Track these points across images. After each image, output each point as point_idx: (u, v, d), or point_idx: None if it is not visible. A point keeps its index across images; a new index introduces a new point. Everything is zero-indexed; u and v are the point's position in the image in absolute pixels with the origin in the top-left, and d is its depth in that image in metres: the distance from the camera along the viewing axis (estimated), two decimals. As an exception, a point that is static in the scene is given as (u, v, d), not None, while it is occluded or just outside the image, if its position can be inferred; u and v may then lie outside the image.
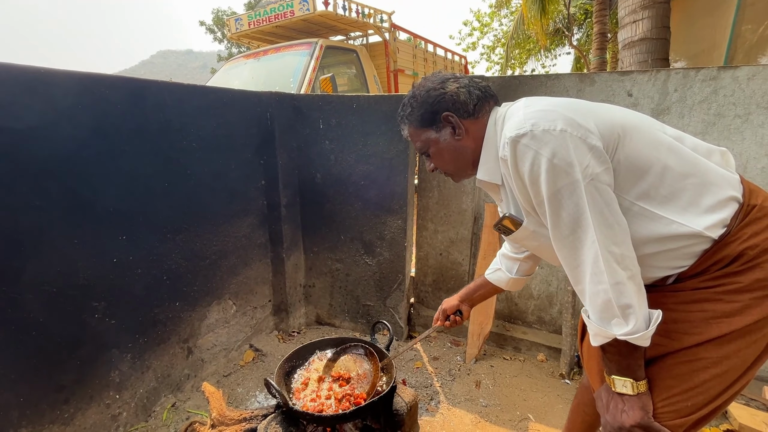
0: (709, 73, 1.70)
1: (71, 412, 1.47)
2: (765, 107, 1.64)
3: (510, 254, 1.26)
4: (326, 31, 5.07)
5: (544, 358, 2.19)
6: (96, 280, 1.50)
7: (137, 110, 1.59)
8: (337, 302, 2.56)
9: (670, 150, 0.82)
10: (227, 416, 1.46)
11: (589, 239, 0.76)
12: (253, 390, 2.00)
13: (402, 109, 1.05)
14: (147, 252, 1.69)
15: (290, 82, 3.98)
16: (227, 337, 2.18)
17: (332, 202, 2.40)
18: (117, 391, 1.63)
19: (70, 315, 1.44)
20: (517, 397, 1.92)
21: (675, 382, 0.82)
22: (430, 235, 2.48)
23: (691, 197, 0.80)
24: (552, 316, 2.29)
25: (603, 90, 1.88)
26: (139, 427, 1.71)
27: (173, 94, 1.74)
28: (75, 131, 1.39)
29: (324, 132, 2.30)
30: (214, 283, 2.05)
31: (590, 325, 0.83)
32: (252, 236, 2.25)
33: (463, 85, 0.97)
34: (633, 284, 0.76)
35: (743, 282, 0.77)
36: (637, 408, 0.82)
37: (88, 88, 1.42)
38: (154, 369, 1.79)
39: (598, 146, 0.77)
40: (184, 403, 1.87)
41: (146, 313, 1.72)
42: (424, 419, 1.76)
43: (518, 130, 0.80)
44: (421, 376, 2.09)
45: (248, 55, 4.93)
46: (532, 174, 0.79)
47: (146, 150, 1.64)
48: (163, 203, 1.74)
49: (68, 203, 1.40)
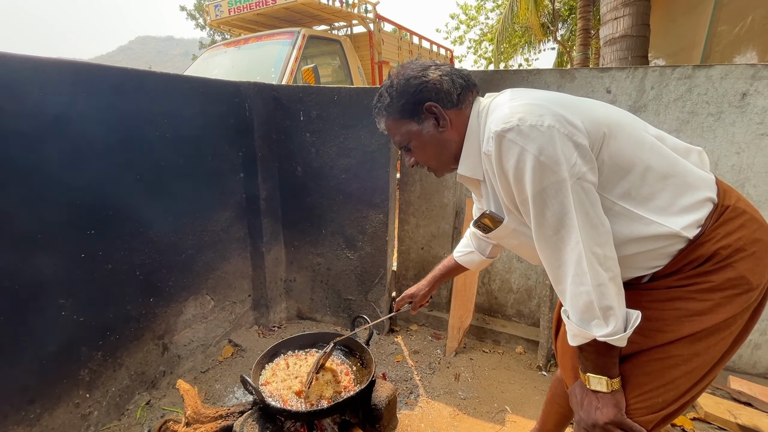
0: (685, 71, 1.73)
1: (37, 413, 1.41)
2: (736, 106, 1.68)
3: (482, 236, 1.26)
4: (309, 21, 4.96)
5: (522, 351, 2.23)
6: (61, 275, 1.44)
7: (106, 98, 1.51)
8: (318, 296, 2.54)
9: (652, 150, 0.82)
10: (202, 414, 1.43)
11: (573, 240, 0.75)
12: (231, 386, 1.97)
13: (378, 99, 0.97)
14: (117, 246, 1.62)
15: (271, 72, 3.89)
16: (205, 333, 2.14)
17: (313, 195, 2.36)
18: (87, 390, 1.57)
19: (33, 312, 1.37)
20: (495, 389, 1.95)
21: (647, 379, 0.84)
22: (412, 229, 2.48)
23: (670, 198, 0.80)
24: (531, 310, 2.32)
25: (583, 86, 1.89)
26: (111, 426, 1.66)
27: (145, 82, 1.66)
28: (36, 118, 1.32)
29: (305, 124, 2.26)
30: (191, 278, 2.00)
31: (570, 325, 0.82)
32: (230, 230, 2.20)
33: (446, 73, 0.91)
34: (614, 285, 0.76)
35: (715, 281, 0.78)
36: (611, 405, 0.82)
37: (50, 73, 1.35)
38: (127, 366, 1.74)
39: (585, 144, 0.75)
40: (159, 400, 1.83)
41: (118, 310, 1.66)
42: (404, 413, 1.77)
43: (504, 125, 0.76)
44: (401, 369, 2.09)
45: (229, 43, 4.78)
46: (517, 171, 0.77)
47: (116, 140, 1.57)
48: (134, 196, 1.67)
49: (29, 194, 1.33)
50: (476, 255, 1.28)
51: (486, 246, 1.26)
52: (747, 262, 0.78)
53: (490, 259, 1.28)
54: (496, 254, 1.28)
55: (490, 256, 1.27)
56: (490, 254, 1.26)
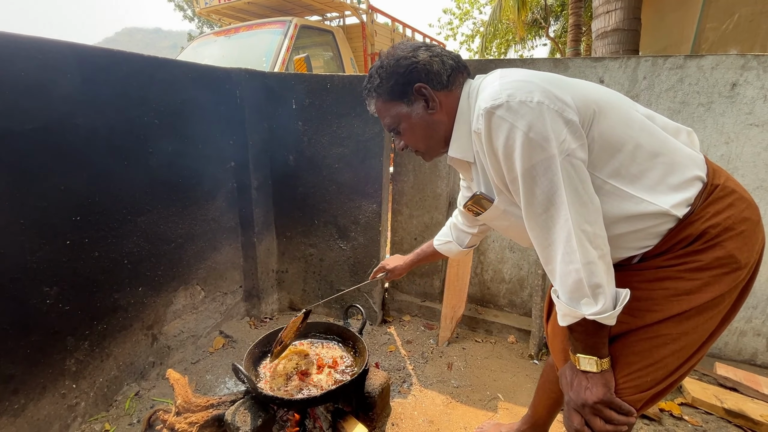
0: (676, 61, 1.74)
1: (22, 403, 1.38)
2: (726, 96, 1.70)
3: (462, 227, 1.29)
4: (301, 10, 4.89)
5: (514, 340, 2.25)
6: (46, 263, 1.40)
7: (91, 79, 1.47)
8: (310, 287, 2.53)
9: (642, 128, 0.82)
10: (193, 403, 1.41)
11: (563, 217, 0.75)
12: (222, 377, 1.94)
13: (369, 81, 0.96)
14: (104, 234, 1.59)
15: (263, 62, 3.83)
16: (195, 324, 2.11)
17: (305, 185, 2.33)
18: (73, 381, 1.54)
19: (16, 300, 1.33)
20: (487, 377, 1.96)
21: (636, 359, 0.84)
22: (405, 219, 2.47)
23: (659, 176, 0.80)
24: (523, 300, 2.34)
25: (576, 75, 1.90)
26: (99, 417, 1.63)
27: (132, 64, 1.62)
28: (18, 100, 1.27)
29: (297, 112, 2.23)
30: (181, 267, 1.97)
31: (559, 305, 0.82)
32: (221, 219, 2.17)
33: (436, 54, 0.91)
34: (603, 264, 0.76)
35: (704, 260, 0.79)
36: (600, 385, 0.83)
37: (33, 52, 1.29)
38: (116, 357, 1.70)
39: (575, 120, 0.75)
40: (148, 391, 1.80)
41: (105, 299, 1.62)
42: (397, 401, 1.77)
43: (493, 101, 0.76)
44: (395, 359, 2.09)
45: (219, 33, 4.70)
46: (506, 148, 0.76)
47: (102, 124, 1.52)
48: (122, 182, 1.63)
49: (12, 179, 1.28)
50: (454, 245, 1.34)
51: (465, 237, 1.31)
52: (736, 241, 0.78)
53: (468, 248, 1.34)
54: (474, 244, 1.34)
55: (467, 246, 1.33)
56: (467, 245, 1.33)
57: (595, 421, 0.83)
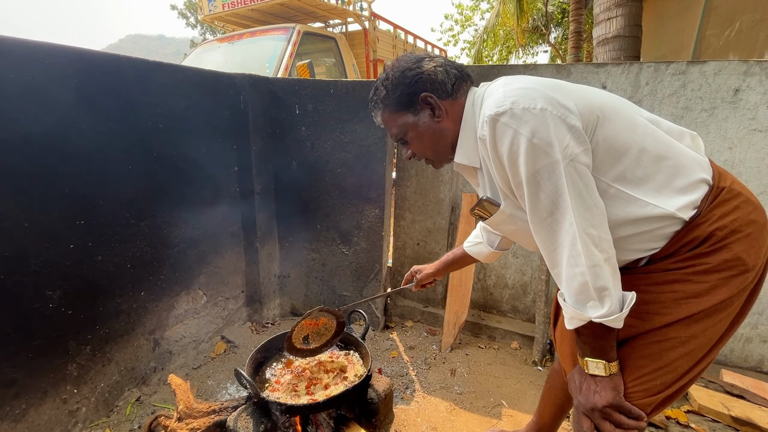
0: (679, 67, 1.75)
1: (23, 408, 1.37)
2: (729, 102, 1.71)
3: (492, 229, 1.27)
4: (304, 17, 4.94)
5: (517, 346, 2.23)
6: (49, 267, 1.40)
7: (96, 84, 1.48)
8: (312, 293, 2.52)
9: (646, 132, 0.82)
10: (195, 409, 1.40)
11: (567, 221, 0.76)
12: (224, 382, 1.93)
13: (374, 92, 0.99)
14: (108, 238, 1.59)
15: (266, 68, 3.86)
16: (197, 329, 2.10)
17: (308, 190, 2.34)
18: (75, 386, 1.53)
19: (19, 304, 1.33)
20: (491, 384, 1.94)
21: (645, 362, 0.84)
22: (408, 224, 2.47)
23: (665, 179, 0.80)
24: (526, 305, 2.33)
25: (579, 81, 1.90)
26: (100, 423, 1.62)
27: (137, 69, 1.63)
28: (23, 105, 1.28)
29: (300, 118, 2.24)
30: (183, 272, 1.96)
31: (566, 308, 0.82)
32: (224, 224, 2.17)
33: (440, 64, 0.93)
34: (609, 267, 0.76)
35: (712, 263, 0.79)
36: (609, 389, 0.82)
37: (35, 57, 1.31)
38: (117, 362, 1.70)
39: (578, 126, 0.76)
40: (149, 396, 1.79)
41: (107, 303, 1.62)
42: (400, 407, 1.76)
43: (497, 108, 0.78)
44: (397, 365, 2.08)
45: (222, 39, 4.74)
46: (510, 154, 0.78)
47: (106, 128, 1.53)
48: (125, 187, 1.63)
49: (16, 183, 1.29)
50: (484, 246, 1.29)
51: (495, 238, 1.27)
52: (743, 244, 0.78)
53: (500, 251, 1.28)
54: (506, 246, 1.28)
55: (499, 248, 1.27)
56: (499, 246, 1.27)
57: (604, 425, 0.82)
